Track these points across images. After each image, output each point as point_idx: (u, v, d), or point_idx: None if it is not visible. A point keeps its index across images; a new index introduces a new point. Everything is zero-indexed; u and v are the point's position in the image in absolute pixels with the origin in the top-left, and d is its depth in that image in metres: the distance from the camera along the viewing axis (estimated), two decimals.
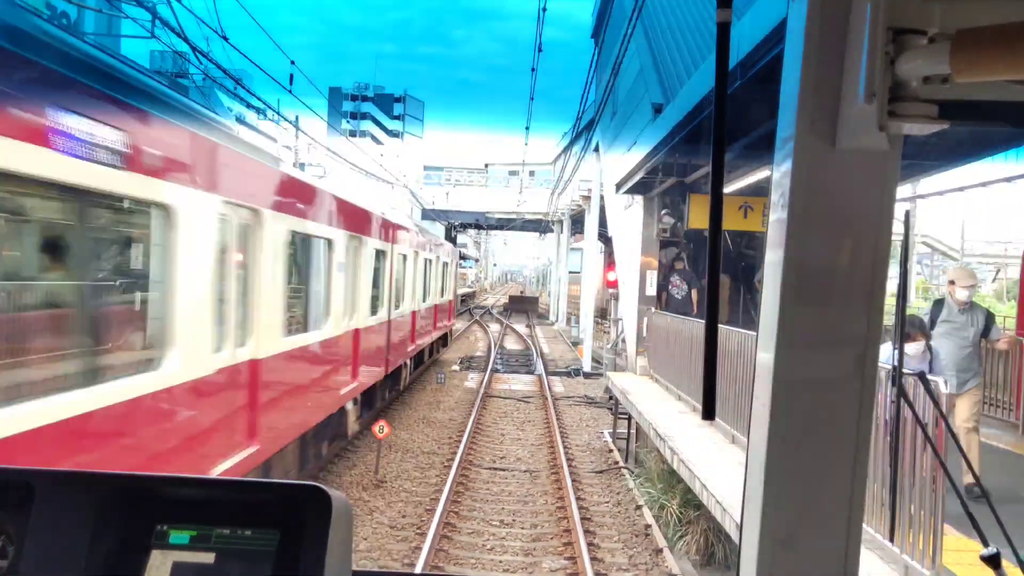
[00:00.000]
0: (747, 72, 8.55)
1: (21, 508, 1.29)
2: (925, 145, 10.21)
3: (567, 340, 36.41)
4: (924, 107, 1.03)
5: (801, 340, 1.23)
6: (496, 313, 57.41)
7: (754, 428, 1.30)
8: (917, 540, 5.55)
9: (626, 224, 20.32)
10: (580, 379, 24.14)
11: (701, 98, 11.02)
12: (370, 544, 9.48)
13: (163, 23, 14.45)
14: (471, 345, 34.10)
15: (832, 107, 1.12)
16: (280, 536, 1.27)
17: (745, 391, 8.87)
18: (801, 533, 1.29)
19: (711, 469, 8.63)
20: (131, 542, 1.30)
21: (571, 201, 40.46)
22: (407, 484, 12.09)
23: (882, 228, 1.20)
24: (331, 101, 76.72)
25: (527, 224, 54.29)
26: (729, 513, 7.24)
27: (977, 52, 0.93)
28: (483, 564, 9.11)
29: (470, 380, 23.09)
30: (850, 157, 1.15)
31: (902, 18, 1.02)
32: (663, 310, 15.72)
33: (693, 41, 18.19)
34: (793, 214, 1.18)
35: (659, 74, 17.84)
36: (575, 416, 18.44)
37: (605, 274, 28.62)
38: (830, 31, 1.09)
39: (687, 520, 9.79)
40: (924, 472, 5.49)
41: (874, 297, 1.23)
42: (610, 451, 14.90)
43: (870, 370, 1.25)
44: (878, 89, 1.02)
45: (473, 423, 16.30)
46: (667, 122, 13.30)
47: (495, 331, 40.41)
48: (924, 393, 4.37)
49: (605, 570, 8.97)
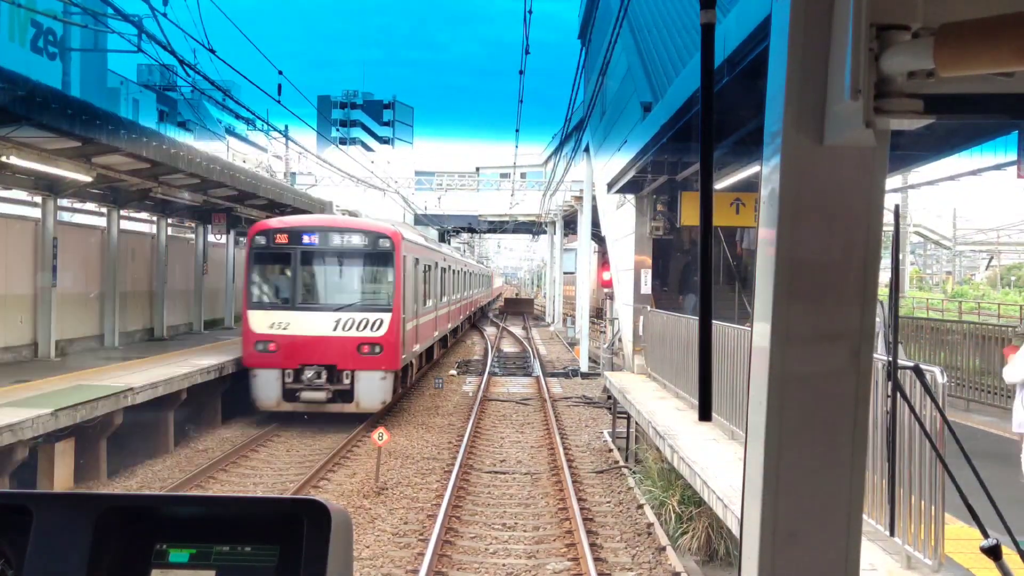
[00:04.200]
0: (735, 69, 8.58)
1: (19, 531, 1.29)
2: (915, 137, 10.25)
3: (563, 341, 36.42)
4: (910, 102, 1.03)
5: (795, 335, 1.23)
6: (492, 316, 57.40)
7: (751, 424, 1.30)
8: (919, 531, 5.57)
9: (619, 223, 20.35)
10: (578, 379, 24.15)
11: (690, 95, 11.05)
12: (373, 552, 9.47)
13: (149, 37, 14.45)
14: (468, 349, 34.07)
15: (818, 104, 1.12)
16: (280, 551, 1.27)
17: (742, 387, 8.87)
18: (802, 526, 1.29)
19: (711, 466, 8.65)
20: (130, 562, 1.30)
21: (563, 202, 40.50)
22: (408, 490, 12.08)
23: (872, 222, 1.21)
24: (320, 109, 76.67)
25: (520, 226, 54.26)
26: (730, 509, 7.25)
27: (961, 46, 0.94)
28: (487, 568, 9.10)
29: (468, 384, 23.08)
30: (838, 153, 1.15)
31: (885, 14, 1.03)
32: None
33: (680, 39, 18.24)
34: (783, 211, 1.18)
35: (647, 73, 17.89)
36: (574, 417, 18.45)
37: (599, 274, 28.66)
38: (814, 28, 1.10)
39: (688, 517, 9.79)
40: (923, 464, 5.51)
41: (867, 291, 1.24)
42: (610, 451, 14.90)
43: (865, 364, 1.26)
44: (863, 85, 1.02)
45: (472, 427, 16.29)
46: (656, 120, 13.33)
47: (491, 334, 40.41)
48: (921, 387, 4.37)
49: (608, 570, 8.97)
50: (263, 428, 16.12)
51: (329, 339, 16.42)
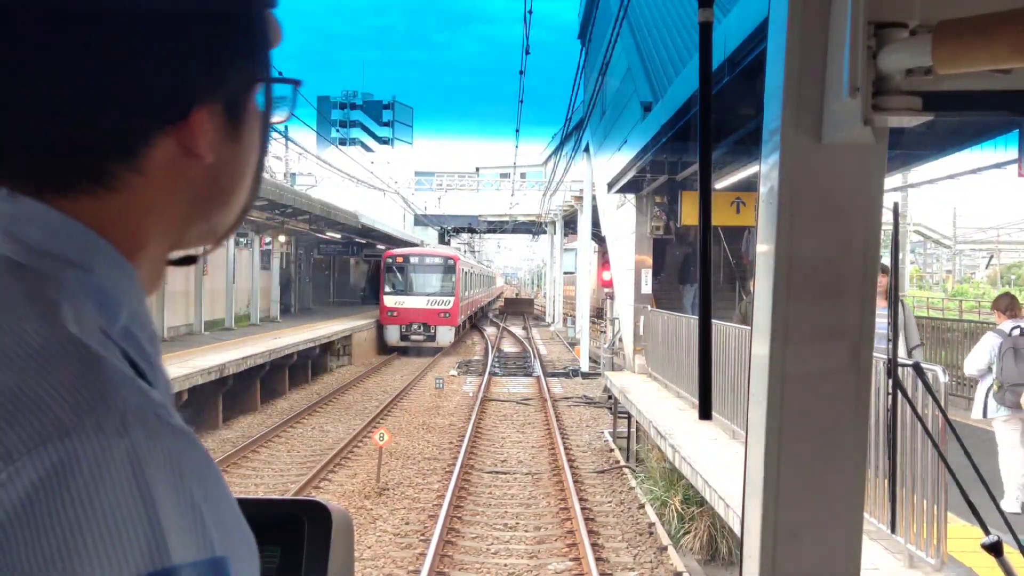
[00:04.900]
0: (735, 68, 8.57)
1: None
2: (915, 135, 10.24)
3: (564, 341, 36.43)
4: (908, 99, 1.03)
5: (795, 334, 1.23)
6: (492, 316, 57.43)
7: (751, 423, 1.30)
8: (920, 529, 5.57)
9: (619, 223, 20.34)
10: (578, 379, 24.13)
11: (690, 95, 11.04)
12: (374, 552, 9.47)
13: None
14: (468, 349, 34.09)
15: (816, 102, 1.12)
16: (281, 553, 1.27)
17: (743, 386, 8.88)
18: (803, 525, 1.29)
19: (712, 465, 8.64)
20: None
21: (563, 202, 40.49)
22: (409, 491, 12.08)
23: (871, 220, 1.21)
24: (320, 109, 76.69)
25: (520, 226, 54.31)
26: (732, 508, 7.24)
27: (958, 43, 0.93)
28: (488, 569, 9.10)
29: (468, 384, 23.08)
30: (836, 151, 1.15)
31: (883, 11, 1.03)
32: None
33: (680, 38, 18.23)
34: (782, 209, 1.18)
35: (647, 72, 17.88)
36: (575, 417, 18.45)
37: (600, 274, 28.65)
38: (811, 26, 1.10)
39: (690, 517, 9.79)
40: (925, 462, 5.51)
41: (866, 289, 1.24)
42: (611, 451, 14.90)
43: (865, 362, 1.26)
44: (861, 83, 1.02)
45: (473, 427, 16.30)
46: (656, 120, 13.32)
47: (491, 334, 40.43)
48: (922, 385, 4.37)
49: (610, 570, 8.97)
50: (263, 428, 16.14)
51: (424, 310, 31.38)
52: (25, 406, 0.51)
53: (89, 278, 0.60)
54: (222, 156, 0.67)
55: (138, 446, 0.52)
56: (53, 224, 0.61)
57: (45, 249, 0.60)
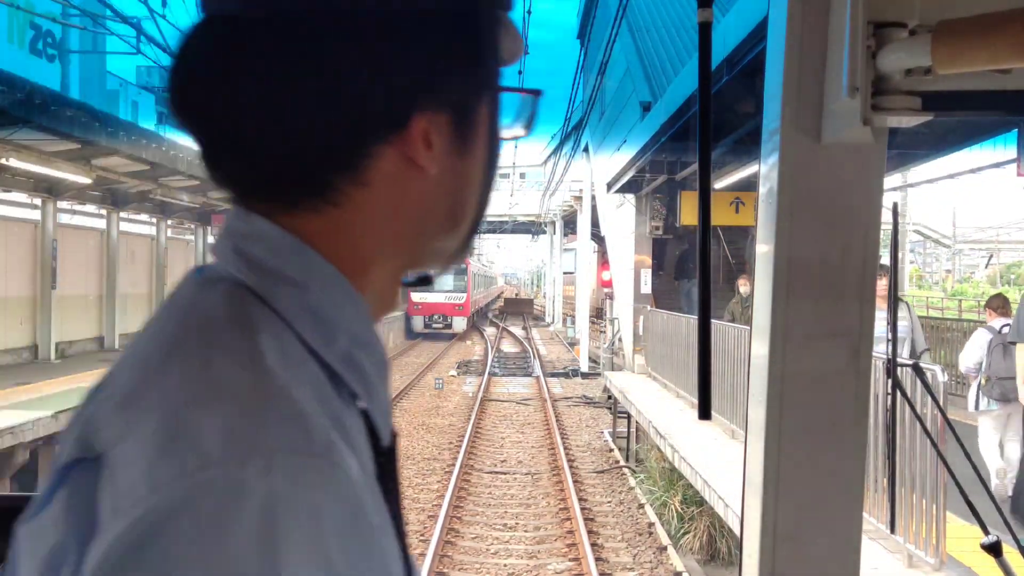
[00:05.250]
0: (734, 68, 8.57)
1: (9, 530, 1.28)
2: (914, 134, 10.25)
3: (563, 341, 36.42)
4: (907, 99, 1.03)
5: (794, 334, 1.23)
6: (491, 316, 57.43)
7: (751, 423, 1.31)
8: (920, 529, 5.57)
9: (618, 223, 20.34)
10: (578, 379, 24.12)
11: (689, 95, 11.03)
12: None
13: (148, 39, 14.41)
14: (468, 349, 34.09)
15: (816, 102, 1.12)
16: None
17: (743, 386, 8.87)
18: (802, 525, 1.29)
19: (712, 465, 8.63)
20: None
21: (563, 202, 40.45)
22: (408, 491, 12.07)
23: (871, 220, 1.21)
24: None
25: (519, 226, 54.21)
26: (731, 508, 7.24)
27: (958, 43, 0.93)
28: (488, 569, 9.10)
29: (468, 384, 23.07)
30: (836, 151, 1.15)
31: (882, 11, 1.03)
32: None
33: (679, 38, 18.23)
34: (782, 209, 1.18)
35: (646, 72, 17.87)
36: (574, 416, 18.45)
37: (599, 274, 28.66)
38: (811, 26, 1.10)
39: (690, 517, 9.79)
40: (924, 462, 5.51)
41: (866, 289, 1.24)
42: (610, 451, 14.90)
43: (864, 362, 1.26)
44: (861, 83, 1.02)
45: (472, 427, 16.29)
46: (656, 120, 13.31)
47: (491, 334, 40.44)
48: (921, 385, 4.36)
49: (610, 570, 8.97)
50: None
51: (443, 303, 37.35)
52: (184, 437, 0.48)
53: (305, 296, 0.58)
54: (448, 170, 0.63)
55: (276, 490, 0.46)
56: (274, 241, 0.59)
57: (266, 267, 0.58)
